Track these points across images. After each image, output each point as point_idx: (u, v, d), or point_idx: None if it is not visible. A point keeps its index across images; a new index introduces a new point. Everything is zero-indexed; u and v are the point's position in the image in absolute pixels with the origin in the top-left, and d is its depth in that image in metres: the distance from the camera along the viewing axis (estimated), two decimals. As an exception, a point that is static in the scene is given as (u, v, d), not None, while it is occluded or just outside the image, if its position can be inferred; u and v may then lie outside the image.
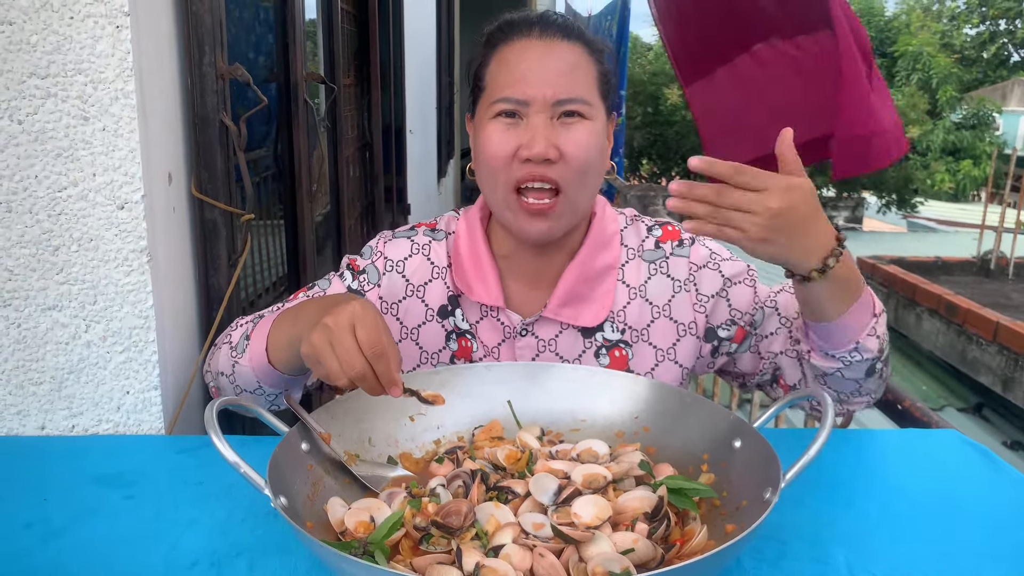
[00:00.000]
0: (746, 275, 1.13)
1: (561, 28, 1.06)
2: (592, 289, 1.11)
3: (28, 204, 1.06)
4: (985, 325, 5.22)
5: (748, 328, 1.12)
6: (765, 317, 1.12)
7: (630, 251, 1.14)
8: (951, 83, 16.84)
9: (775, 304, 1.12)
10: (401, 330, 1.14)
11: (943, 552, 0.86)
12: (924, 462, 1.08)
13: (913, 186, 13.95)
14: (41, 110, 1.04)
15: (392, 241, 1.17)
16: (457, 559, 0.72)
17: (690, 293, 1.12)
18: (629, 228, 1.16)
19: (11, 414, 1.13)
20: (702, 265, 1.13)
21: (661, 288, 1.13)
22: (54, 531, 0.88)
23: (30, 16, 1.02)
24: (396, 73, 3.86)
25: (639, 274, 1.13)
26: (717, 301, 1.12)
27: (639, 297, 1.13)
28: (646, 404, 0.99)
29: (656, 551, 0.74)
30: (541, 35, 1.05)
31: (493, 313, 1.12)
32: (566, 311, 1.11)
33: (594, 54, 1.07)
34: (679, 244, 1.14)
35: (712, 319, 1.12)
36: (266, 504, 0.91)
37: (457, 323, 1.13)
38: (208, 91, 1.21)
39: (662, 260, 1.14)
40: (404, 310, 1.14)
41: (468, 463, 0.90)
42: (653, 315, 1.12)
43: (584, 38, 1.07)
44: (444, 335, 1.14)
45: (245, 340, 1.03)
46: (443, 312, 1.14)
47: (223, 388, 1.07)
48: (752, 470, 0.83)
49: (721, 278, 1.12)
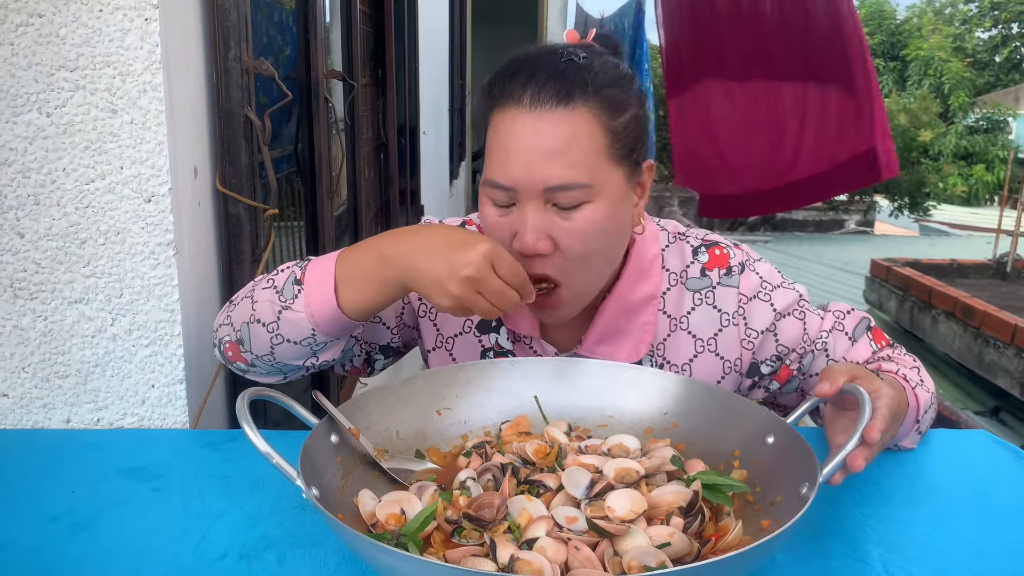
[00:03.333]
0: (797, 307, 1.05)
1: (557, 92, 0.88)
2: (630, 322, 1.04)
3: (56, 197, 1.06)
4: (1003, 328, 5.18)
5: (795, 370, 1.07)
6: (814, 359, 1.06)
7: (672, 276, 1.05)
8: (963, 87, 16.75)
9: (825, 346, 1.06)
10: (437, 337, 1.11)
11: (980, 551, 0.84)
12: (956, 461, 1.07)
13: (925, 190, 13.88)
14: (70, 103, 1.04)
15: None
16: (491, 551, 0.71)
17: (739, 327, 1.04)
18: (671, 248, 1.07)
19: (37, 407, 1.13)
20: (752, 296, 1.04)
21: (707, 320, 1.04)
22: (81, 523, 0.88)
23: (60, 9, 1.02)
24: (411, 74, 3.87)
25: (681, 304, 1.05)
26: (766, 336, 1.04)
27: (680, 329, 1.05)
28: (675, 400, 0.98)
29: (692, 545, 0.74)
30: (532, 104, 0.89)
31: (527, 341, 1.09)
32: (602, 348, 1.04)
33: (605, 110, 0.90)
34: (727, 272, 1.05)
35: (758, 355, 1.06)
36: (294, 498, 0.92)
37: (500, 341, 1.09)
38: (233, 85, 1.21)
39: (708, 290, 1.04)
40: (443, 318, 1.10)
41: (497, 457, 0.90)
42: (697, 349, 1.05)
43: (591, 92, 0.90)
44: (480, 350, 1.10)
45: (295, 285, 0.92)
46: (483, 327, 1.09)
47: (253, 342, 0.96)
48: (786, 466, 0.82)
49: (772, 312, 1.04)
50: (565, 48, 0.94)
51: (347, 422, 0.89)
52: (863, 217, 14.18)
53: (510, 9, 10.04)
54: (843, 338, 1.07)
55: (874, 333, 1.09)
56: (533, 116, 0.89)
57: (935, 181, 14.49)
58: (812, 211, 13.69)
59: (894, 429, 0.87)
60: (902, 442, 1.03)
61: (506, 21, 10.13)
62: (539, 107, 0.89)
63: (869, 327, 1.09)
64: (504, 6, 9.96)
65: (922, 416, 1.00)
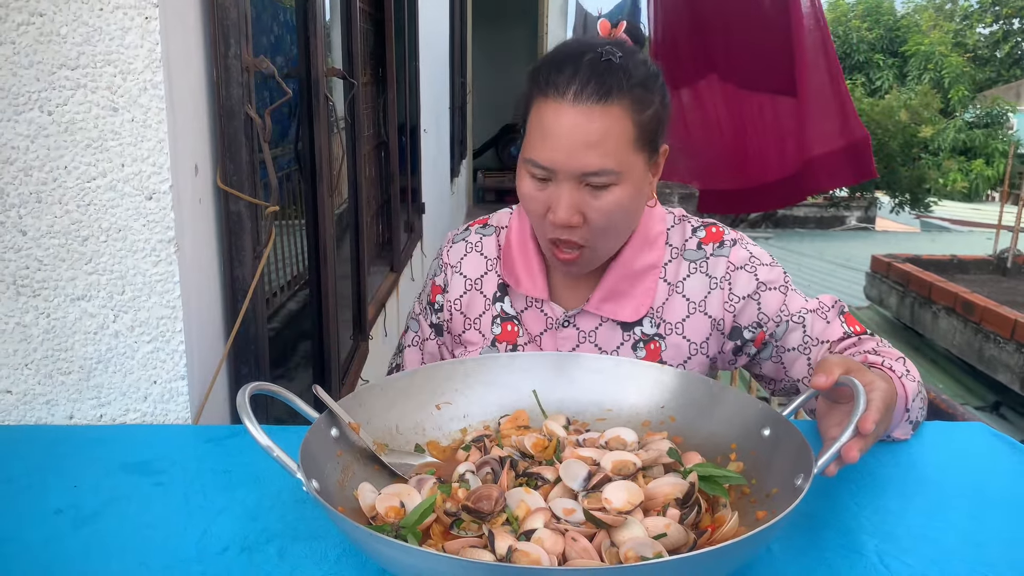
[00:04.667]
0: (781, 282, 1.16)
1: (597, 90, 1.00)
2: (633, 286, 1.15)
3: (58, 195, 1.07)
4: (1003, 323, 5.18)
5: (769, 336, 1.15)
6: (789, 330, 1.14)
7: (673, 250, 1.17)
8: (963, 82, 16.72)
9: (803, 321, 1.14)
10: (465, 322, 1.23)
11: (975, 542, 0.85)
12: (952, 453, 1.08)
13: (926, 185, 13.85)
14: (71, 101, 1.05)
15: (452, 247, 1.27)
16: (490, 543, 0.72)
17: (723, 291, 1.15)
18: (675, 228, 1.19)
19: (40, 403, 1.14)
20: (739, 266, 1.15)
21: (699, 285, 1.15)
22: (85, 517, 0.89)
23: (60, 8, 1.03)
24: (411, 72, 3.87)
25: (679, 271, 1.16)
26: (747, 303, 1.14)
27: (676, 293, 1.16)
28: (672, 394, 0.99)
29: (688, 536, 0.74)
30: (575, 100, 1.00)
31: (537, 304, 1.19)
32: (607, 306, 1.15)
33: (635, 106, 1.02)
34: (720, 245, 1.17)
35: (739, 319, 1.15)
36: (295, 492, 0.93)
37: (504, 308, 1.20)
38: (233, 83, 1.22)
39: (703, 260, 1.16)
40: (467, 304, 1.23)
41: (496, 450, 0.90)
42: (689, 310, 1.15)
43: (625, 90, 1.01)
44: (491, 318, 1.21)
45: None
46: (494, 298, 1.22)
47: None
48: (782, 458, 0.83)
49: (755, 281, 1.14)
50: (604, 47, 1.04)
51: (347, 416, 0.90)
52: (864, 213, 14.16)
53: (510, 7, 10.04)
54: (821, 320, 1.15)
55: (846, 317, 1.17)
56: (575, 111, 1.01)
57: (936, 177, 14.46)
58: (813, 208, 13.68)
59: (887, 421, 0.88)
60: (894, 432, 1.05)
61: (506, 19, 10.13)
62: (581, 103, 1.00)
63: (842, 311, 1.17)
64: (504, 5, 9.96)
65: (911, 404, 1.02)
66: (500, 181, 9.71)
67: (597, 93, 1.00)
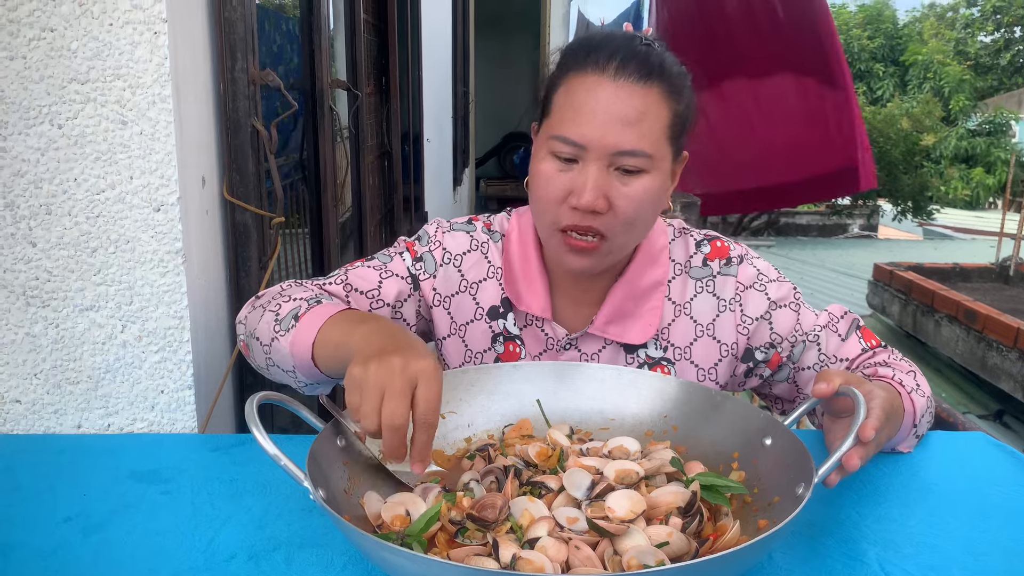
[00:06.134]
0: (791, 299, 1.12)
1: (639, 69, 0.98)
2: (638, 306, 1.10)
3: (67, 207, 1.09)
4: (1006, 331, 5.18)
5: (786, 358, 1.12)
6: (805, 349, 1.11)
7: (677, 266, 1.13)
8: (964, 91, 16.74)
9: (817, 339, 1.11)
10: (451, 325, 1.14)
11: (974, 550, 0.86)
12: (953, 463, 1.08)
13: (928, 193, 13.85)
14: (81, 115, 1.07)
15: (451, 232, 1.15)
16: (494, 551, 0.73)
17: (735, 313, 1.11)
18: (677, 241, 1.15)
19: (49, 413, 1.15)
20: (749, 286, 1.11)
21: (707, 307, 1.12)
22: (93, 526, 0.89)
23: (71, 23, 1.04)
24: (414, 82, 3.89)
25: (685, 291, 1.12)
26: (760, 323, 1.11)
27: (684, 315, 1.12)
28: (675, 403, 1.00)
29: (690, 544, 0.75)
30: (616, 75, 0.97)
31: (539, 323, 1.13)
32: (612, 328, 1.11)
33: (672, 94, 1.00)
34: (727, 263, 1.13)
35: (752, 340, 1.12)
36: (301, 500, 0.93)
37: (507, 327, 1.13)
38: (240, 96, 1.24)
39: (709, 279, 1.12)
40: (456, 305, 1.14)
41: (500, 459, 0.91)
42: (696, 333, 1.12)
43: (664, 77, 1.00)
44: (491, 336, 1.14)
45: (293, 320, 0.96)
46: (493, 313, 1.14)
47: (254, 351, 1.02)
48: (784, 467, 0.84)
49: (767, 300, 1.11)
50: (638, 35, 1.03)
51: (353, 425, 0.91)
52: (866, 221, 14.17)
53: (512, 17, 10.07)
54: (835, 336, 1.12)
55: (863, 332, 1.14)
56: (615, 85, 0.97)
57: (938, 185, 14.47)
58: (815, 216, 13.69)
59: (889, 429, 0.89)
60: (899, 446, 1.05)
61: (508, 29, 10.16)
62: (622, 78, 0.97)
63: (858, 327, 1.14)
64: (506, 14, 9.99)
65: (919, 420, 1.02)
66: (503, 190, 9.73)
67: (639, 71, 0.97)
